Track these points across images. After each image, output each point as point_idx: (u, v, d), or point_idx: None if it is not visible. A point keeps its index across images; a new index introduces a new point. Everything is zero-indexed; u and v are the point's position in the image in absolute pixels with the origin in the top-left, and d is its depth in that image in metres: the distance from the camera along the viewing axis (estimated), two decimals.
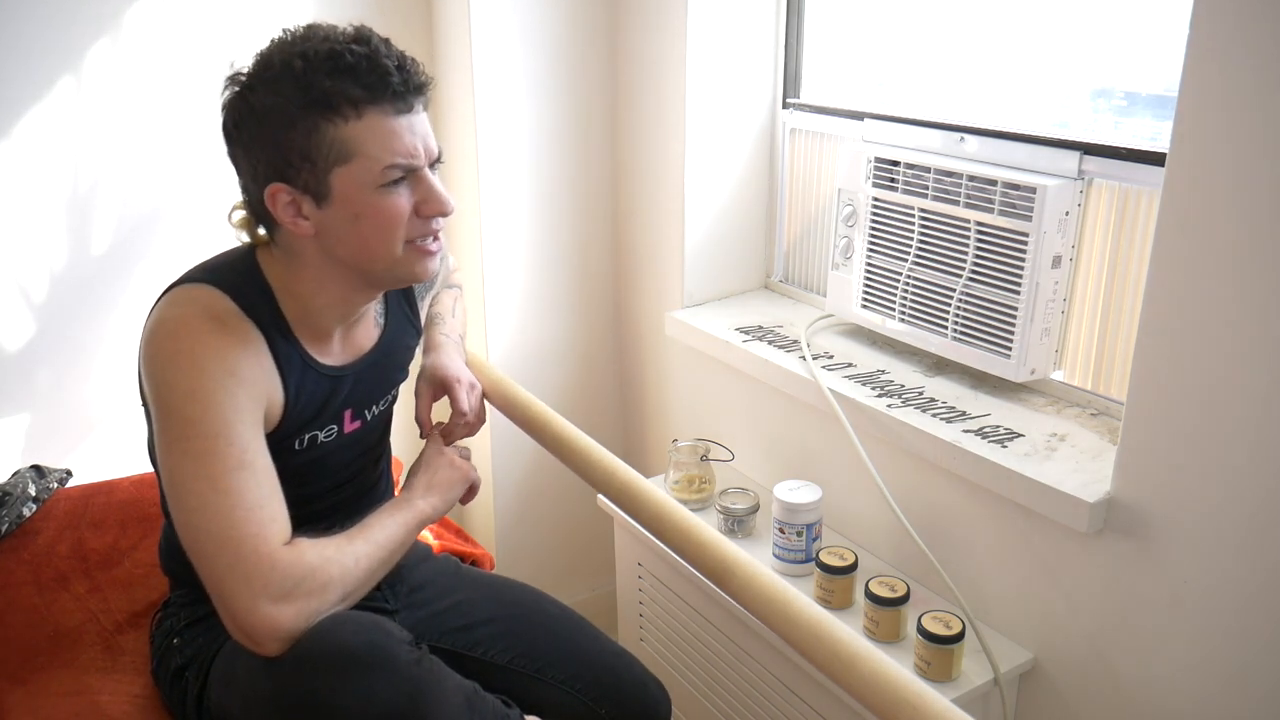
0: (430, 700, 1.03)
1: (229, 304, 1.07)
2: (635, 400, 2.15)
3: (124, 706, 1.24)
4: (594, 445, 1.26)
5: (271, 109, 1.02)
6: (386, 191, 1.04)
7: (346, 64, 1.01)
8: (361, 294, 1.15)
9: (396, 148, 1.03)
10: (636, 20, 1.87)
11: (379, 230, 1.06)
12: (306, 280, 1.11)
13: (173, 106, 1.72)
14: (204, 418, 1.00)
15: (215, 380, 1.01)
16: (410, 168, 1.05)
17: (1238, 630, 1.16)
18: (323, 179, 1.03)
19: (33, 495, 1.47)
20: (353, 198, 1.04)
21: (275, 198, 1.05)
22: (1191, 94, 1.08)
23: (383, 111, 1.02)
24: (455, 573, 1.42)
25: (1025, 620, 1.40)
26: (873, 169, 1.58)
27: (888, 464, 1.52)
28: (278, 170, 1.04)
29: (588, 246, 2.05)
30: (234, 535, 0.97)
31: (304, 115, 1.01)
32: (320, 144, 1.01)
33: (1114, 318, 1.40)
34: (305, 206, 1.05)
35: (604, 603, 2.12)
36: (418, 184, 1.07)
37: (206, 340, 1.03)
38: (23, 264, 1.66)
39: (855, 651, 0.90)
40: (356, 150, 1.02)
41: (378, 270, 1.10)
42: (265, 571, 0.97)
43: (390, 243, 1.07)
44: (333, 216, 1.05)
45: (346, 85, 1.00)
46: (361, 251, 1.07)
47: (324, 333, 1.16)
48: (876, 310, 1.64)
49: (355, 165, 1.03)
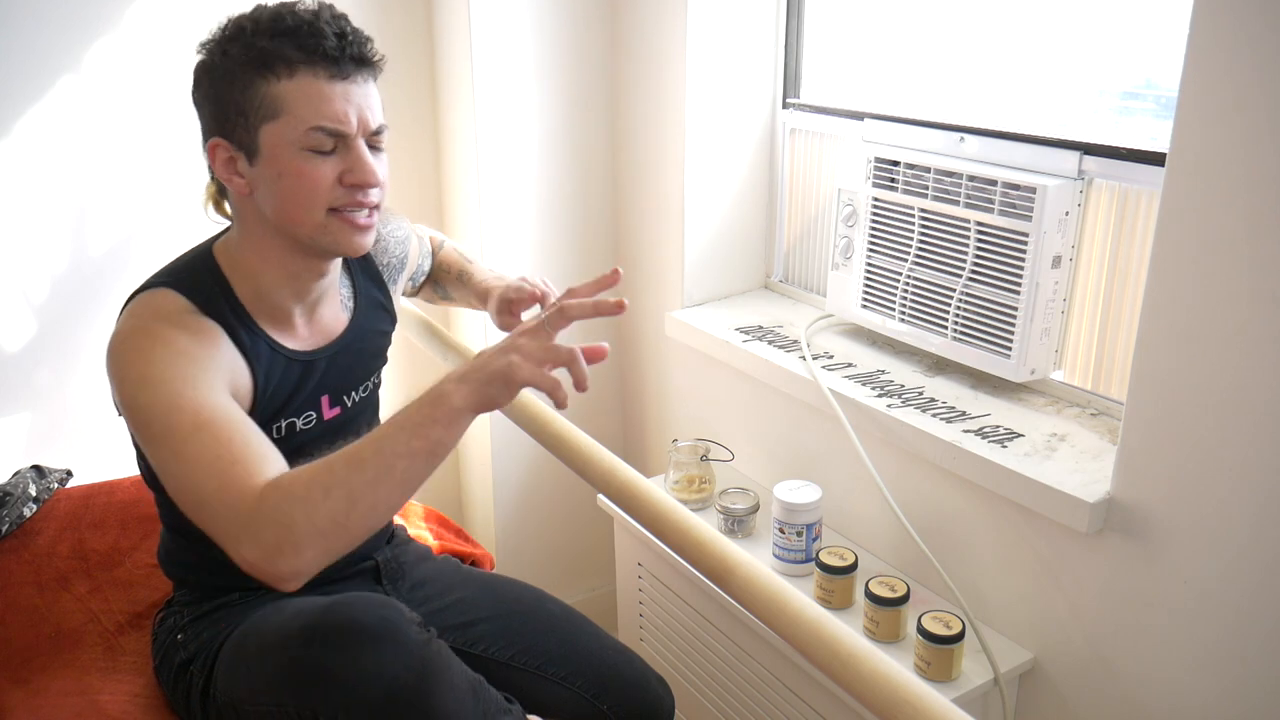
0: (438, 679, 1.04)
1: (183, 304, 1.08)
2: (635, 400, 2.15)
3: (125, 706, 1.24)
4: (594, 445, 1.26)
5: (216, 67, 1.06)
6: (310, 155, 1.05)
7: (286, 26, 1.04)
8: (302, 263, 1.13)
9: (324, 110, 1.04)
10: (636, 20, 1.87)
11: (298, 192, 1.06)
12: (252, 252, 1.12)
13: (173, 107, 1.72)
14: (154, 399, 0.99)
15: (163, 362, 1.01)
16: (336, 132, 1.05)
17: (1238, 630, 1.17)
18: (254, 134, 1.05)
19: (33, 495, 1.47)
20: (277, 156, 1.05)
21: (215, 153, 1.08)
22: (1191, 94, 1.08)
23: (315, 74, 1.04)
24: (455, 572, 1.42)
25: (1025, 620, 1.40)
26: (873, 169, 1.58)
27: (888, 464, 1.52)
28: (218, 124, 1.07)
29: (588, 247, 2.05)
30: (205, 496, 0.94)
31: (242, 72, 1.04)
32: (253, 99, 1.04)
33: (1114, 318, 1.40)
34: (240, 163, 1.07)
35: (604, 603, 2.12)
36: (346, 152, 1.07)
37: (156, 336, 1.04)
38: (23, 264, 1.66)
39: (855, 651, 0.90)
40: (284, 108, 1.04)
41: (302, 235, 1.09)
42: (243, 521, 0.91)
43: (310, 207, 1.07)
44: (261, 174, 1.07)
45: (283, 44, 1.03)
46: (283, 213, 1.08)
47: (283, 314, 1.16)
48: (876, 310, 1.64)
49: (282, 123, 1.04)
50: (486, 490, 2.10)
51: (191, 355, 1.03)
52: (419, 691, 1.03)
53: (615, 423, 2.20)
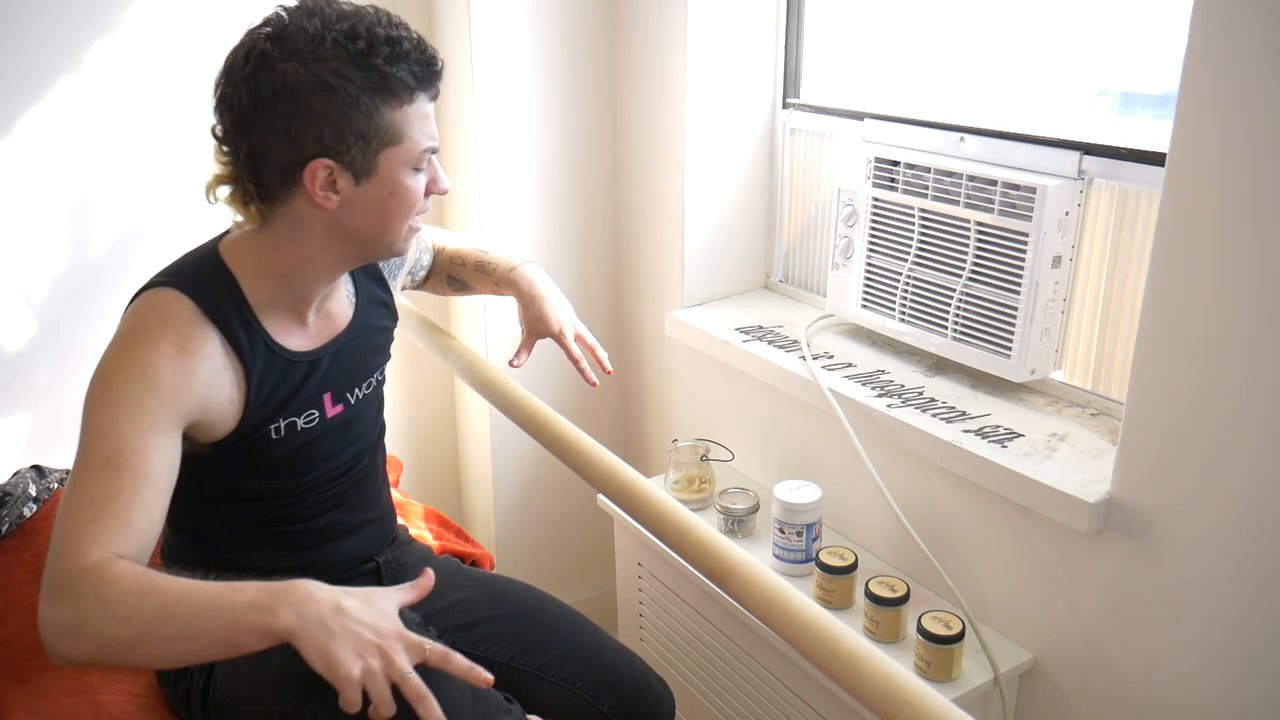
0: (436, 679, 1.04)
1: (186, 308, 1.08)
2: (635, 400, 2.15)
3: (125, 706, 1.24)
4: (594, 445, 1.26)
5: (325, 86, 1.02)
6: (415, 173, 1.11)
7: (403, 50, 1.05)
8: (347, 267, 1.17)
9: (430, 131, 1.11)
10: (637, 20, 1.87)
11: (403, 207, 1.11)
12: (298, 254, 1.12)
13: (173, 107, 1.72)
14: (98, 416, 1.00)
15: (125, 383, 1.01)
16: (435, 150, 1.12)
17: (1237, 630, 1.17)
18: (372, 159, 1.07)
19: (33, 495, 1.47)
20: (392, 177, 1.09)
21: (315, 173, 1.05)
22: (1191, 94, 1.08)
23: (425, 97, 1.09)
24: (456, 572, 1.42)
25: (1025, 620, 1.40)
26: (873, 169, 1.58)
27: (888, 464, 1.52)
28: (327, 146, 1.04)
29: (588, 247, 2.05)
30: (60, 532, 0.95)
31: (367, 97, 1.04)
32: (379, 125, 1.05)
33: (1114, 318, 1.40)
34: (342, 183, 1.07)
35: (604, 603, 2.12)
36: (429, 165, 1.13)
37: (140, 348, 1.04)
38: (23, 264, 1.66)
39: (855, 651, 0.90)
40: (405, 133, 1.07)
41: (382, 244, 1.13)
42: (59, 580, 0.92)
43: (406, 219, 1.13)
44: (368, 194, 1.09)
45: (404, 72, 1.05)
46: (380, 226, 1.11)
47: (298, 311, 1.17)
48: (876, 310, 1.64)
49: (403, 147, 1.08)
50: (486, 490, 2.10)
51: (160, 385, 1.02)
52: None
53: (615, 423, 2.20)
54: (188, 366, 1.05)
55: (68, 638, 0.91)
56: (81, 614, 0.90)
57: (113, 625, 0.90)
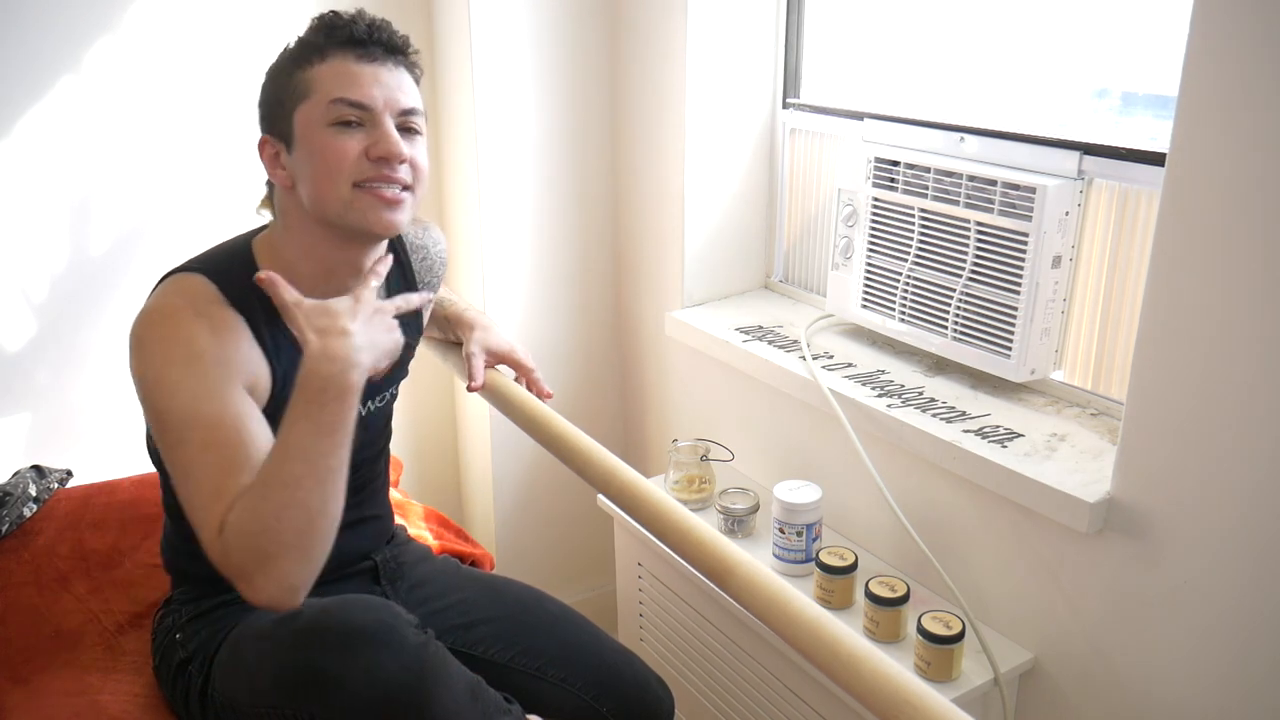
0: (436, 681, 1.04)
1: (211, 291, 1.09)
2: (635, 400, 2.15)
3: (125, 705, 1.24)
4: (594, 445, 1.26)
5: (270, 72, 1.14)
6: (337, 131, 1.08)
7: (325, 20, 1.11)
8: (339, 255, 1.15)
9: (347, 85, 1.08)
10: (637, 20, 1.87)
11: (326, 167, 1.08)
12: (292, 246, 1.14)
13: (173, 107, 1.72)
14: (170, 406, 1.01)
15: (179, 366, 1.02)
16: (358, 104, 1.08)
17: (1237, 630, 1.17)
18: (289, 120, 1.10)
19: (33, 495, 1.47)
20: (309, 135, 1.09)
21: (263, 149, 1.13)
22: (1191, 94, 1.08)
23: (344, 56, 1.09)
24: (455, 572, 1.42)
25: (1025, 620, 1.40)
26: (873, 169, 1.58)
27: (888, 464, 1.52)
28: (265, 121, 1.13)
29: (588, 247, 2.05)
30: (196, 523, 0.98)
31: (283, 67, 1.11)
32: (290, 87, 1.10)
33: (1114, 318, 1.40)
34: (282, 155, 1.12)
35: (604, 603, 2.12)
36: (372, 129, 1.10)
37: (176, 328, 1.05)
38: (23, 264, 1.66)
39: (855, 651, 0.90)
40: (314, 88, 1.09)
41: (333, 215, 1.10)
42: (220, 559, 0.96)
43: (337, 181, 1.08)
44: (297, 160, 1.10)
45: (318, 35, 1.10)
46: (315, 193, 1.10)
47: None
48: (876, 310, 1.64)
49: (311, 101, 1.09)
50: (486, 490, 2.10)
51: (211, 357, 1.04)
52: (416, 694, 1.03)
53: (615, 423, 2.20)
54: (228, 340, 1.07)
55: (283, 585, 0.94)
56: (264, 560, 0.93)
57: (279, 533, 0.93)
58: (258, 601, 0.95)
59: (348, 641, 1.01)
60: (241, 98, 1.77)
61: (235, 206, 1.79)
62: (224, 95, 1.75)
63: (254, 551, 0.94)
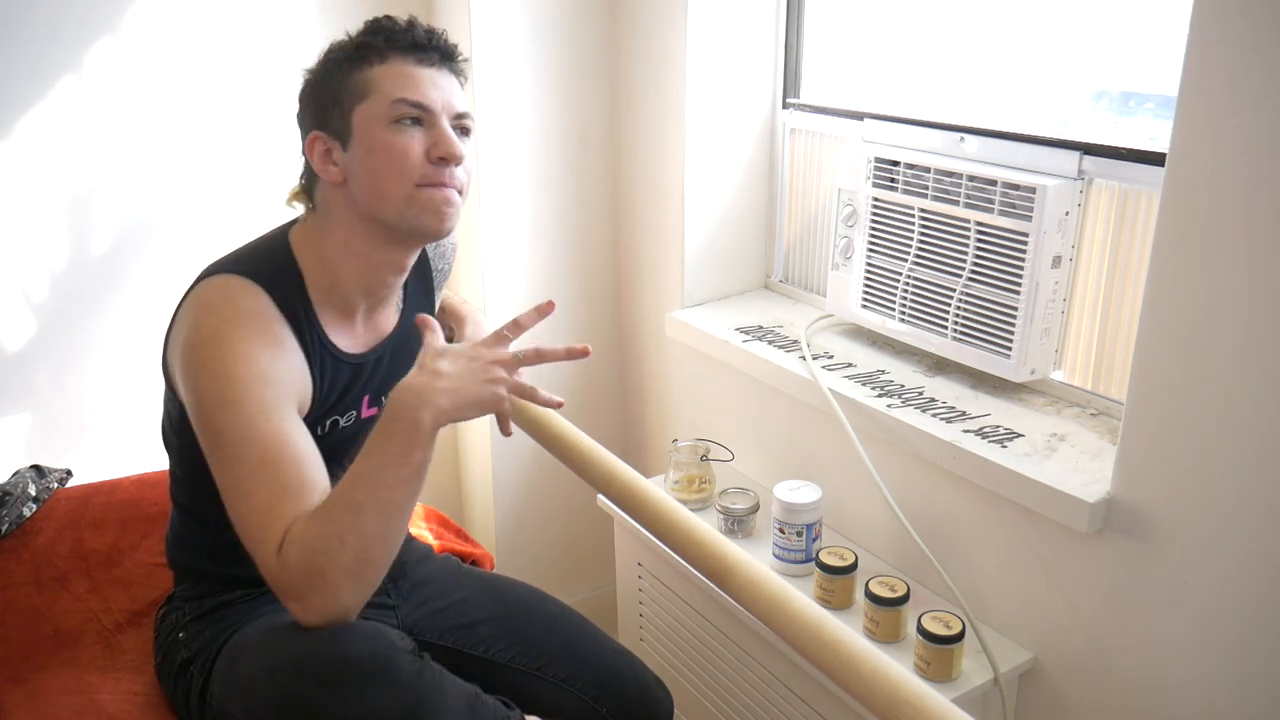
0: (431, 710, 1.03)
1: (260, 297, 1.11)
2: (635, 400, 2.15)
3: (124, 705, 1.24)
4: (594, 445, 1.26)
5: (316, 72, 1.16)
6: (398, 129, 1.10)
7: (381, 24, 1.14)
8: (384, 254, 1.16)
9: (408, 86, 1.11)
10: (637, 20, 1.87)
11: (389, 165, 1.11)
12: (336, 243, 1.15)
13: (173, 107, 1.72)
14: (229, 424, 1.03)
15: (242, 386, 1.04)
16: (420, 106, 1.11)
17: (1238, 630, 1.17)
18: (346, 118, 1.11)
19: (33, 495, 1.47)
20: (368, 133, 1.11)
21: (314, 146, 1.14)
22: (1191, 94, 1.08)
23: (403, 58, 1.12)
24: (456, 572, 1.42)
25: (1025, 620, 1.40)
26: (873, 169, 1.58)
27: (888, 464, 1.52)
28: (316, 118, 1.14)
29: (588, 247, 2.05)
30: (253, 540, 1.00)
31: (339, 67, 1.13)
32: (348, 86, 1.11)
33: (1114, 318, 1.40)
34: (335, 152, 1.13)
35: (604, 603, 2.12)
36: (430, 129, 1.12)
37: (236, 347, 1.06)
38: (23, 264, 1.66)
39: (855, 651, 0.91)
40: (374, 88, 1.11)
41: (390, 214, 1.12)
42: (277, 576, 0.99)
43: (400, 179, 1.11)
44: (354, 157, 1.12)
45: (376, 38, 1.13)
46: (374, 190, 1.11)
47: (348, 310, 1.19)
48: (876, 310, 1.64)
49: (371, 101, 1.11)
50: (486, 490, 2.10)
51: (269, 378, 1.06)
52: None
53: (615, 423, 2.20)
54: (282, 358, 1.09)
55: (336, 606, 0.98)
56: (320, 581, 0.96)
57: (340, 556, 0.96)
58: (308, 621, 0.98)
59: (341, 674, 0.99)
60: (242, 97, 1.77)
61: (236, 206, 1.80)
62: (224, 95, 1.75)
63: (311, 571, 0.96)
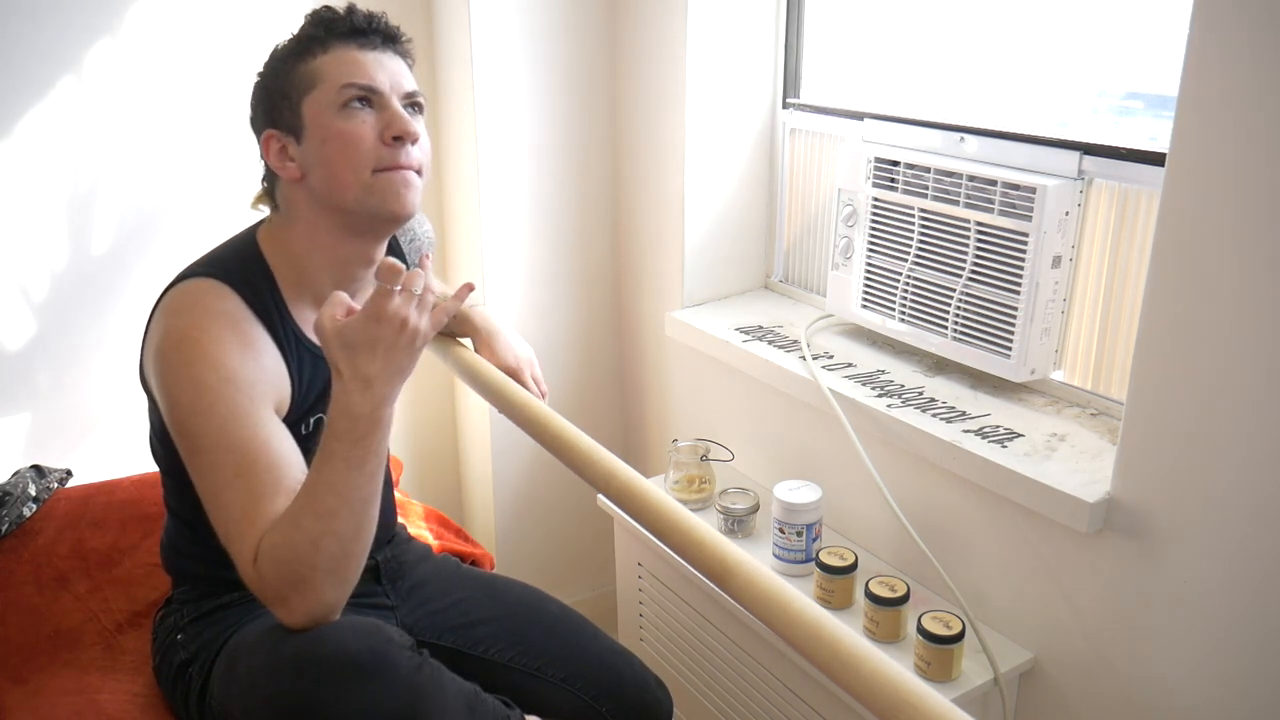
0: (430, 707, 1.03)
1: (231, 299, 1.10)
2: (635, 400, 2.15)
3: (124, 705, 1.24)
4: (594, 445, 1.26)
5: (264, 72, 1.16)
6: (349, 114, 1.10)
7: (320, 15, 1.14)
8: (351, 246, 1.16)
9: (354, 71, 1.11)
10: (636, 20, 1.87)
11: (343, 152, 1.10)
12: (300, 237, 1.15)
13: (173, 106, 1.72)
14: (203, 431, 1.02)
15: (213, 392, 1.03)
16: (368, 88, 1.11)
17: (1238, 630, 1.17)
18: (297, 111, 1.11)
19: (33, 495, 1.47)
20: (320, 122, 1.10)
21: (269, 145, 1.14)
22: (1191, 94, 1.08)
23: (345, 45, 1.12)
24: (455, 572, 1.42)
25: (1025, 620, 1.40)
26: (873, 169, 1.58)
27: (888, 464, 1.52)
28: (268, 117, 1.14)
29: (588, 247, 2.05)
30: (232, 549, 1.00)
31: (284, 62, 1.13)
32: (294, 80, 1.12)
33: (1114, 318, 1.40)
34: (290, 148, 1.12)
35: (604, 603, 2.12)
36: (382, 110, 1.12)
37: (206, 351, 1.05)
38: (23, 264, 1.66)
39: (855, 651, 0.90)
40: (321, 77, 1.11)
41: (350, 201, 1.11)
42: (256, 585, 0.98)
43: (355, 168, 1.10)
44: (308, 150, 1.11)
45: (317, 29, 1.13)
46: (332, 180, 1.11)
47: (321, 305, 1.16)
48: (876, 310, 1.64)
49: (320, 90, 1.10)
50: (486, 490, 2.10)
51: (240, 381, 1.05)
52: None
53: (615, 423, 2.20)
54: (255, 359, 1.08)
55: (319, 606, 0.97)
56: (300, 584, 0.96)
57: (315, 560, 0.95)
58: (293, 623, 0.98)
59: (340, 672, 0.99)
60: (242, 97, 1.77)
61: (235, 205, 1.79)
62: (224, 94, 1.75)
63: (289, 577, 0.96)
